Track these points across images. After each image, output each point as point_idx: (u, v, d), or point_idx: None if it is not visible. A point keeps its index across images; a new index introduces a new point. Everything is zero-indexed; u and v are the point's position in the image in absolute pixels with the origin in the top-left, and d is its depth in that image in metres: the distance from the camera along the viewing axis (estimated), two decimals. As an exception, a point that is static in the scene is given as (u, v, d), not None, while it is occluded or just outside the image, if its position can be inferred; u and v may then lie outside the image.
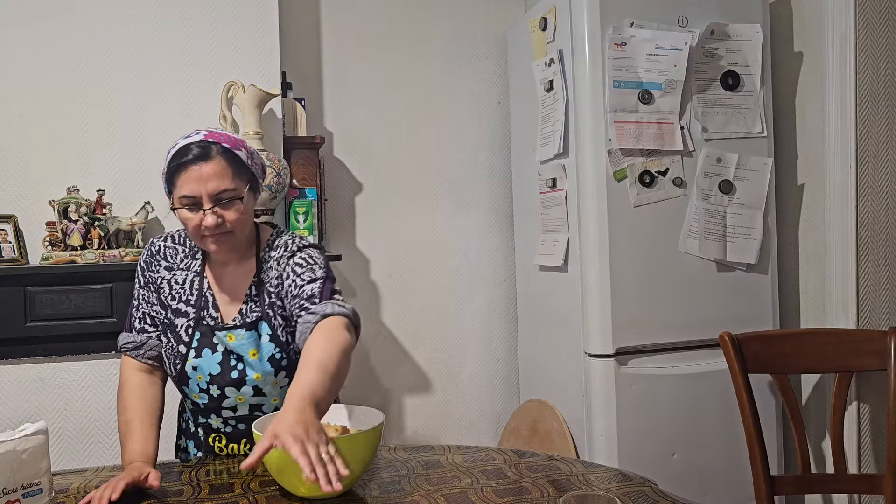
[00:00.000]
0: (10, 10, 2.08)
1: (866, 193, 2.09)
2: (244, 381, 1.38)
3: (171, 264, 1.44)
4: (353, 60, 2.64)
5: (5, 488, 1.05)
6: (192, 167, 1.27)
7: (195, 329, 1.38)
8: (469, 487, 1.22)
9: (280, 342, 1.38)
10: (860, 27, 2.05)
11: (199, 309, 1.39)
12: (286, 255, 1.40)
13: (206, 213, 1.28)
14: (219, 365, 1.37)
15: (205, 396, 1.40)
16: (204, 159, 1.28)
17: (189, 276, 1.42)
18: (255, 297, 1.39)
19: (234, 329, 1.38)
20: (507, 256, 2.80)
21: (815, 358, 1.80)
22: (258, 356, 1.37)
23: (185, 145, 1.29)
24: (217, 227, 1.29)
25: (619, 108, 2.05)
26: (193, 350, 1.38)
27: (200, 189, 1.27)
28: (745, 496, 2.02)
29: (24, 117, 2.09)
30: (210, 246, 1.33)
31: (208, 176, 1.27)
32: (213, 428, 1.44)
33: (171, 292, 1.42)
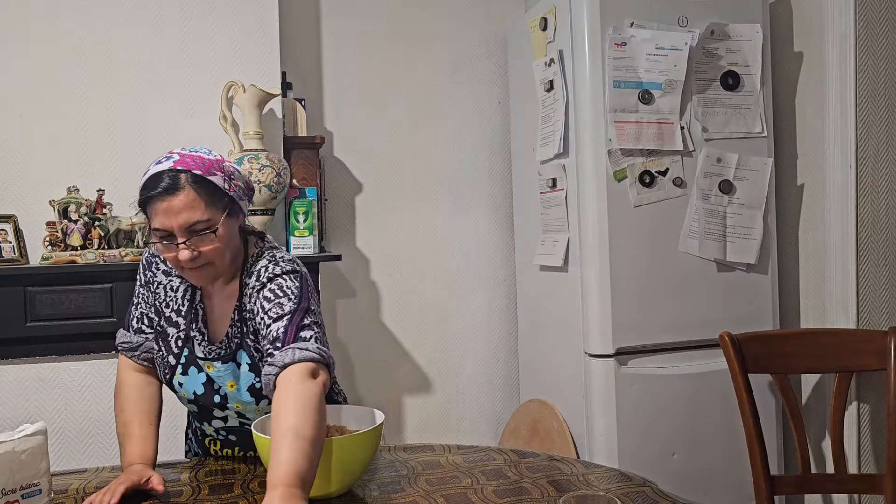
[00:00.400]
0: (10, 11, 2.08)
1: (866, 193, 2.09)
2: (226, 406, 1.35)
3: (168, 269, 1.39)
4: (353, 60, 2.64)
5: (4, 489, 1.05)
6: (159, 201, 1.19)
7: (184, 344, 1.35)
8: (469, 487, 1.22)
9: (259, 371, 1.31)
10: (860, 27, 2.05)
11: (190, 321, 1.35)
12: (257, 288, 1.30)
13: (180, 248, 1.21)
14: (203, 385, 1.34)
15: (194, 407, 1.39)
16: (172, 192, 1.19)
17: (183, 285, 1.38)
18: (238, 322, 1.33)
19: (212, 360, 1.33)
20: (507, 256, 2.80)
21: (815, 358, 1.80)
22: (236, 387, 1.32)
23: (154, 174, 1.21)
24: (193, 261, 1.22)
25: (619, 108, 2.05)
26: (181, 366, 1.35)
27: (171, 223, 1.19)
28: (745, 496, 2.02)
29: (24, 117, 2.09)
30: (191, 279, 1.28)
31: (178, 209, 1.19)
32: (207, 434, 1.45)
33: (166, 298, 1.38)
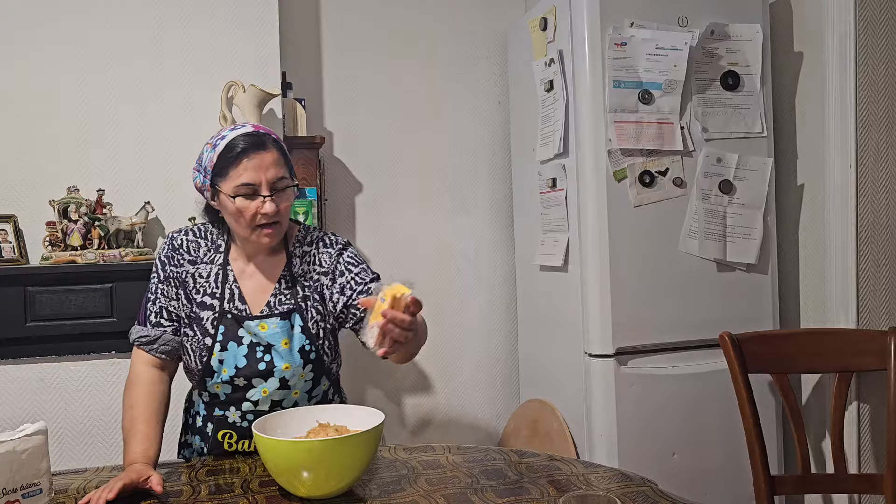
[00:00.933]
0: (10, 12, 2.08)
1: (866, 193, 2.09)
2: (272, 373, 1.37)
3: (194, 258, 1.43)
4: (353, 60, 2.64)
5: (5, 488, 1.05)
6: (253, 155, 1.30)
7: (220, 322, 1.38)
8: (469, 487, 1.22)
9: (311, 335, 1.40)
10: (860, 27, 2.05)
11: (224, 301, 1.39)
12: (333, 251, 1.45)
13: (266, 201, 1.30)
14: (244, 357, 1.37)
15: (228, 388, 1.39)
16: (262, 148, 1.30)
17: (213, 269, 1.42)
18: (287, 290, 1.41)
19: (266, 318, 1.38)
20: (507, 256, 2.80)
21: (815, 358, 1.80)
22: (290, 346, 1.38)
23: (241, 134, 1.32)
24: (275, 215, 1.31)
25: (619, 108, 2.05)
26: (219, 343, 1.37)
27: (261, 176, 1.30)
28: (745, 496, 2.02)
29: (24, 117, 2.09)
30: (263, 238, 1.34)
31: (268, 164, 1.30)
32: (228, 422, 1.43)
33: (196, 286, 1.41)
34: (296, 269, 1.43)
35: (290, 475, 1.15)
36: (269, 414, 1.32)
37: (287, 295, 1.41)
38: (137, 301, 1.99)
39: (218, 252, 1.44)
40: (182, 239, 1.46)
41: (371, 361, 2.67)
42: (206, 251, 1.44)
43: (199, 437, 1.49)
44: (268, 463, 1.17)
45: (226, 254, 1.44)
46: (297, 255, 1.45)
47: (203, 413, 1.47)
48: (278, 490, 1.22)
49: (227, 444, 1.44)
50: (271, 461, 1.16)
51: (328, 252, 1.45)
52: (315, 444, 1.13)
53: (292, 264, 1.43)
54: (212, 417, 1.45)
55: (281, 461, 1.15)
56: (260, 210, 1.31)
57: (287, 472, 1.15)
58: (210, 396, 1.44)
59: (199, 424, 1.49)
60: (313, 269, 1.44)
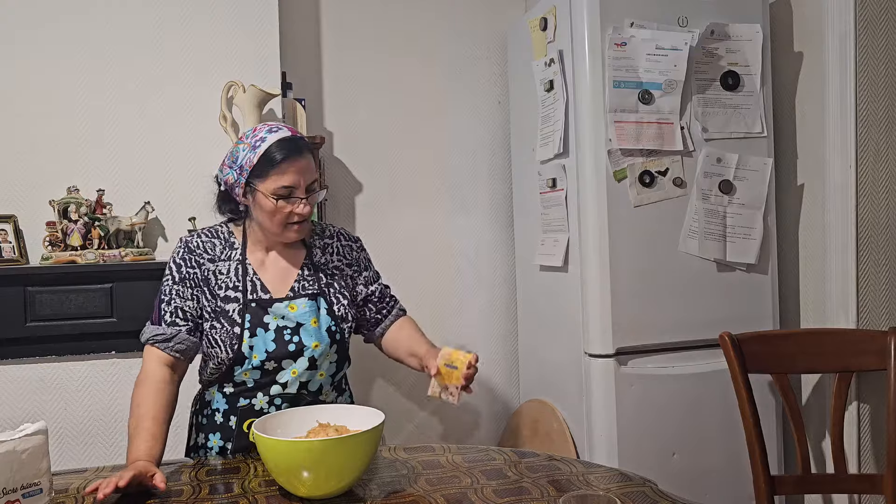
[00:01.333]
0: (10, 12, 2.08)
1: (866, 193, 2.09)
2: (301, 353, 1.44)
3: (212, 256, 1.50)
4: (353, 60, 2.64)
5: (5, 488, 1.05)
6: (297, 159, 1.40)
7: (245, 311, 1.44)
8: (469, 487, 1.22)
9: (335, 316, 1.49)
10: (860, 27, 2.05)
11: (247, 293, 1.46)
12: (354, 245, 1.62)
13: (302, 202, 1.42)
14: (273, 342, 1.43)
15: (257, 373, 1.44)
16: (300, 154, 1.41)
17: (232, 265, 1.49)
18: (310, 276, 1.51)
19: (295, 299, 1.47)
20: (507, 256, 2.80)
21: (815, 358, 1.80)
22: (318, 324, 1.46)
23: (284, 138, 1.41)
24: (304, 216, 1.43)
25: (619, 108, 2.05)
26: (247, 331, 1.43)
27: (300, 179, 1.41)
28: (745, 496, 2.02)
29: (24, 117, 2.09)
30: (292, 234, 1.46)
31: (306, 168, 1.42)
32: (254, 410, 1.45)
33: (218, 282, 1.47)
34: (317, 258, 1.55)
35: (290, 475, 1.15)
36: (270, 414, 1.33)
37: (311, 281, 1.51)
38: (137, 301, 2.01)
39: (233, 249, 1.51)
40: (197, 241, 1.52)
41: (371, 362, 2.67)
42: (221, 249, 1.51)
43: (218, 434, 1.49)
44: (268, 463, 1.18)
45: (242, 249, 1.51)
46: (318, 247, 1.56)
47: (224, 408, 1.49)
48: (278, 490, 1.22)
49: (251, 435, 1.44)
50: (271, 461, 1.17)
51: (350, 245, 1.60)
52: (315, 444, 1.13)
53: (313, 254, 1.55)
54: (235, 410, 1.47)
55: (281, 461, 1.15)
56: (295, 210, 1.42)
57: (287, 472, 1.15)
58: (235, 387, 1.47)
59: (218, 421, 1.50)
60: (335, 259, 1.57)
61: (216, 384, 1.50)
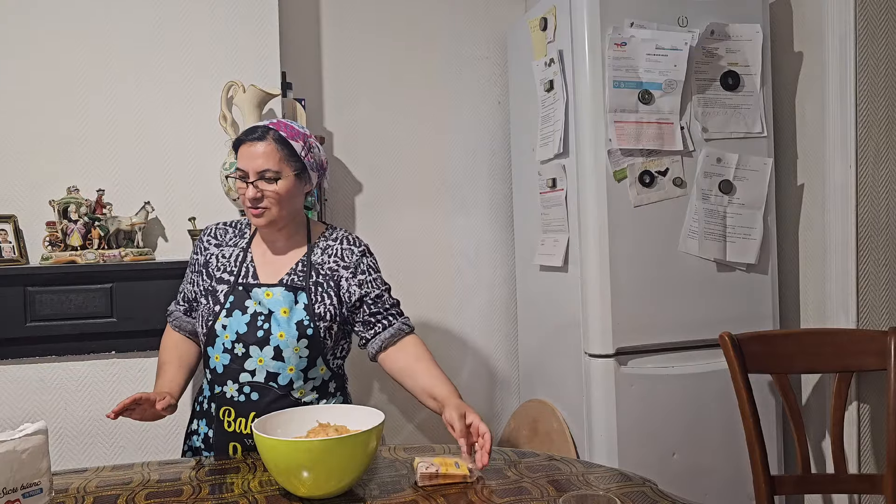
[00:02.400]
0: (9, 10, 2.08)
1: (866, 193, 2.09)
2: (267, 341, 1.49)
3: (220, 242, 1.63)
4: (353, 60, 2.64)
5: (5, 488, 1.05)
6: (247, 144, 1.50)
7: (231, 293, 1.53)
8: (469, 487, 1.22)
9: (313, 313, 1.52)
10: (860, 27, 2.05)
11: (239, 277, 1.56)
12: (356, 250, 1.61)
13: (249, 186, 1.49)
14: (246, 325, 1.49)
15: (227, 357, 1.50)
16: (257, 141, 1.49)
17: (235, 251, 1.60)
18: (301, 272, 1.56)
19: (272, 286, 1.53)
20: (507, 256, 2.80)
21: (815, 358, 1.80)
22: (289, 314, 1.50)
23: (251, 126, 1.54)
24: (255, 200, 1.49)
25: (619, 108, 2.05)
26: (225, 310, 1.51)
27: (248, 165, 1.49)
28: (745, 496, 2.02)
29: (25, 117, 2.09)
30: (250, 217, 1.53)
31: (256, 155, 1.49)
32: (226, 398, 1.50)
33: (217, 264, 1.59)
34: (315, 257, 1.59)
35: (290, 475, 1.15)
36: (269, 414, 1.33)
37: (300, 276, 1.56)
38: (137, 301, 2.02)
39: (242, 237, 1.63)
40: (210, 228, 1.67)
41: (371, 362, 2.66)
42: (231, 237, 1.64)
43: (204, 420, 1.57)
44: (268, 463, 1.18)
45: (249, 239, 1.62)
46: (320, 247, 1.61)
47: (208, 394, 1.57)
48: (278, 490, 1.22)
49: (226, 423, 1.51)
50: (271, 461, 1.17)
51: (351, 249, 1.62)
52: (315, 444, 1.13)
53: (312, 253, 1.60)
54: (214, 397, 1.54)
55: (281, 461, 1.15)
56: (246, 194, 1.50)
57: (287, 472, 1.15)
58: (211, 373, 1.54)
59: (205, 407, 1.58)
60: (332, 261, 1.59)
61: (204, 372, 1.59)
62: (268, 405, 1.47)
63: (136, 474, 1.35)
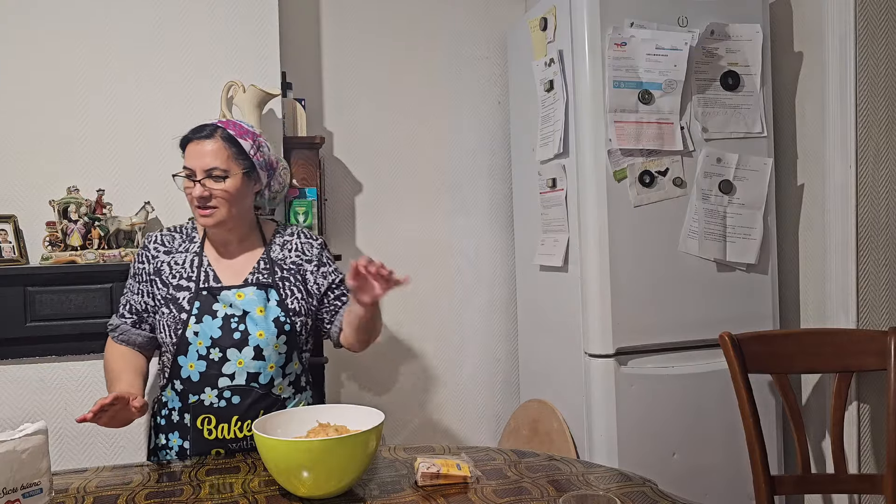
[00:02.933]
0: (9, 10, 2.08)
1: (866, 193, 2.09)
2: (246, 342, 1.47)
3: (169, 249, 1.57)
4: (353, 60, 2.64)
5: (5, 488, 1.05)
6: (195, 143, 1.49)
7: (195, 298, 1.49)
8: (469, 487, 1.22)
9: (287, 308, 1.52)
10: (860, 27, 2.05)
11: (200, 282, 1.51)
12: (315, 244, 1.63)
13: (196, 185, 1.47)
14: (219, 329, 1.47)
15: (203, 364, 1.46)
16: (205, 139, 1.48)
17: (188, 256, 1.56)
18: (265, 269, 1.55)
19: (243, 287, 1.51)
20: (507, 256, 2.80)
21: (815, 358, 1.80)
22: (265, 313, 1.49)
23: (199, 125, 1.52)
24: (203, 199, 1.47)
25: (619, 108, 2.05)
26: (194, 317, 1.47)
27: (196, 163, 1.47)
28: (745, 496, 2.02)
29: (25, 117, 2.09)
30: (197, 216, 1.50)
31: (204, 154, 1.47)
32: (205, 406, 1.46)
33: (172, 272, 1.54)
34: (275, 254, 1.59)
35: (290, 475, 1.15)
36: (269, 414, 1.33)
37: (265, 273, 1.55)
38: (137, 301, 2.01)
39: (192, 242, 1.59)
40: (155, 236, 1.61)
41: (371, 362, 2.67)
42: (180, 242, 1.59)
43: (177, 433, 1.50)
44: (268, 463, 1.18)
45: (201, 243, 1.58)
46: (277, 244, 1.61)
47: (178, 405, 1.50)
48: (278, 490, 1.22)
49: (206, 431, 1.46)
50: (271, 461, 1.17)
51: (310, 243, 1.63)
52: (315, 444, 1.13)
53: (271, 250, 1.59)
54: (187, 407, 1.48)
55: (281, 461, 1.15)
56: (193, 193, 1.48)
57: (287, 472, 1.15)
58: (183, 383, 1.48)
59: (175, 420, 1.51)
60: (293, 255, 1.59)
61: (169, 383, 1.52)
62: (249, 407, 1.47)
63: (136, 474, 1.35)
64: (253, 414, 1.46)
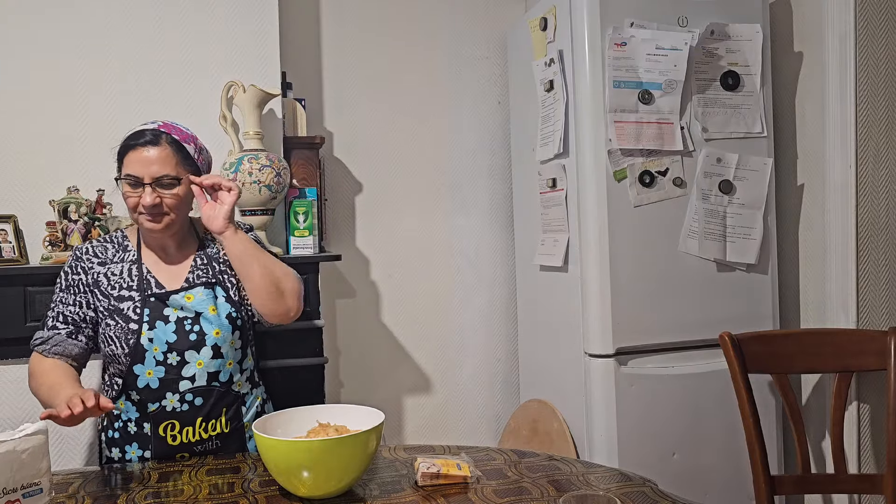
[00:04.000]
0: (9, 10, 2.08)
1: (866, 193, 2.09)
2: (203, 342, 1.46)
3: (103, 259, 1.53)
4: (353, 60, 2.64)
5: (5, 488, 1.05)
6: (140, 149, 1.45)
7: (143, 306, 1.46)
8: (469, 488, 1.22)
9: (234, 302, 1.52)
10: (860, 27, 2.05)
11: (143, 290, 1.49)
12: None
13: (145, 193, 1.43)
14: (174, 333, 1.45)
15: (161, 370, 1.44)
16: (152, 145, 1.45)
17: (125, 266, 1.52)
18: (203, 266, 1.54)
19: (191, 289, 1.49)
20: (507, 256, 2.80)
21: (815, 358, 1.80)
22: (217, 311, 1.49)
23: (139, 130, 1.48)
24: (154, 207, 1.44)
25: (619, 108, 2.05)
26: (146, 324, 1.44)
27: (143, 171, 1.44)
28: (745, 496, 2.02)
29: (25, 117, 2.09)
30: (145, 223, 1.47)
31: (152, 160, 1.44)
32: (167, 412, 1.44)
33: (110, 283, 1.50)
34: (210, 250, 1.58)
35: (290, 475, 1.15)
36: (268, 414, 1.33)
37: (203, 271, 1.54)
38: (137, 301, 2.01)
39: (126, 251, 1.55)
40: (86, 247, 1.56)
41: (370, 362, 2.67)
42: (114, 252, 1.55)
43: (136, 444, 1.47)
44: (268, 463, 1.18)
45: (137, 251, 1.54)
46: (210, 239, 1.60)
47: (135, 416, 1.47)
48: (278, 490, 1.22)
49: (170, 438, 1.44)
50: (271, 461, 1.17)
51: None
52: (315, 444, 1.13)
53: (206, 245, 1.59)
54: (147, 416, 1.45)
55: (281, 461, 1.15)
56: (141, 201, 1.44)
57: (287, 472, 1.15)
58: (139, 392, 1.44)
59: (132, 431, 1.47)
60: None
61: (122, 394, 1.48)
62: (213, 406, 1.47)
63: (136, 474, 1.35)
64: (216, 413, 1.47)
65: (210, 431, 1.47)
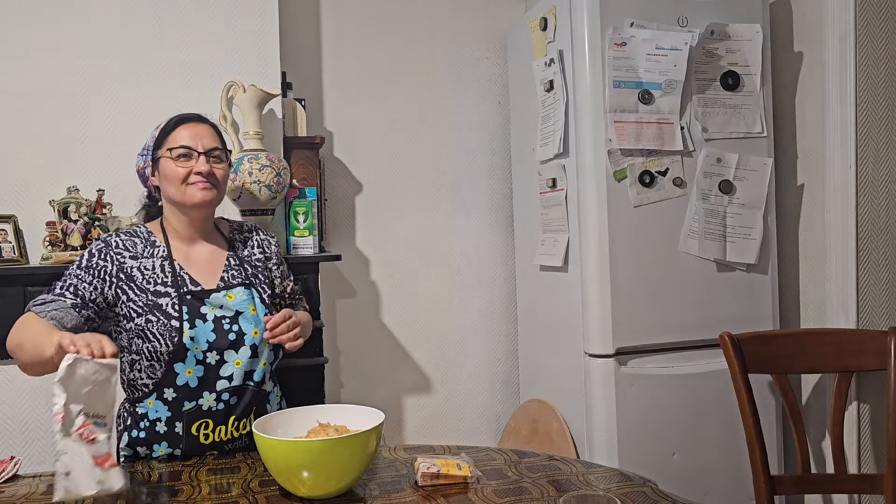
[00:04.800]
0: (9, 10, 2.08)
1: (866, 193, 2.09)
2: (242, 341, 1.47)
3: (135, 254, 1.51)
4: (354, 60, 2.64)
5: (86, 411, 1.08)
6: (192, 123, 1.54)
7: (181, 304, 1.46)
8: (469, 488, 1.22)
9: (266, 305, 1.55)
10: (860, 27, 2.06)
11: (179, 286, 1.48)
12: (272, 241, 1.69)
13: (200, 160, 1.49)
14: (213, 332, 1.45)
15: (200, 369, 1.44)
16: (201, 122, 1.55)
17: (157, 261, 1.52)
18: (236, 268, 1.57)
19: (231, 288, 1.52)
20: (507, 256, 2.80)
21: (815, 358, 1.80)
22: (256, 312, 1.51)
23: (185, 113, 1.57)
24: (208, 175, 1.49)
25: (619, 108, 2.05)
26: (187, 322, 1.44)
27: (197, 142, 1.51)
28: (745, 496, 2.02)
29: (25, 117, 2.09)
30: (196, 193, 1.49)
31: (204, 134, 1.53)
32: (203, 411, 1.44)
33: (146, 277, 1.49)
34: (240, 252, 1.62)
35: (290, 475, 1.15)
36: (269, 414, 1.33)
37: (237, 272, 1.57)
38: (137, 301, 2.01)
39: (155, 247, 1.54)
40: (116, 240, 1.52)
41: (370, 362, 2.67)
42: (143, 247, 1.53)
43: (165, 443, 1.46)
44: (268, 463, 1.18)
45: (166, 247, 1.53)
46: (239, 241, 1.64)
47: (166, 415, 1.45)
48: (278, 490, 1.22)
49: (202, 437, 1.45)
50: (271, 461, 1.17)
51: (268, 240, 1.68)
52: (315, 444, 1.13)
53: (235, 248, 1.62)
54: (180, 415, 1.44)
55: (281, 461, 1.15)
56: (195, 168, 1.49)
57: (287, 472, 1.15)
58: (178, 390, 1.44)
59: (161, 431, 1.45)
60: (257, 252, 1.64)
61: (152, 393, 1.46)
62: (246, 406, 1.48)
63: (137, 474, 1.35)
64: (248, 412, 1.49)
65: (241, 430, 1.48)
